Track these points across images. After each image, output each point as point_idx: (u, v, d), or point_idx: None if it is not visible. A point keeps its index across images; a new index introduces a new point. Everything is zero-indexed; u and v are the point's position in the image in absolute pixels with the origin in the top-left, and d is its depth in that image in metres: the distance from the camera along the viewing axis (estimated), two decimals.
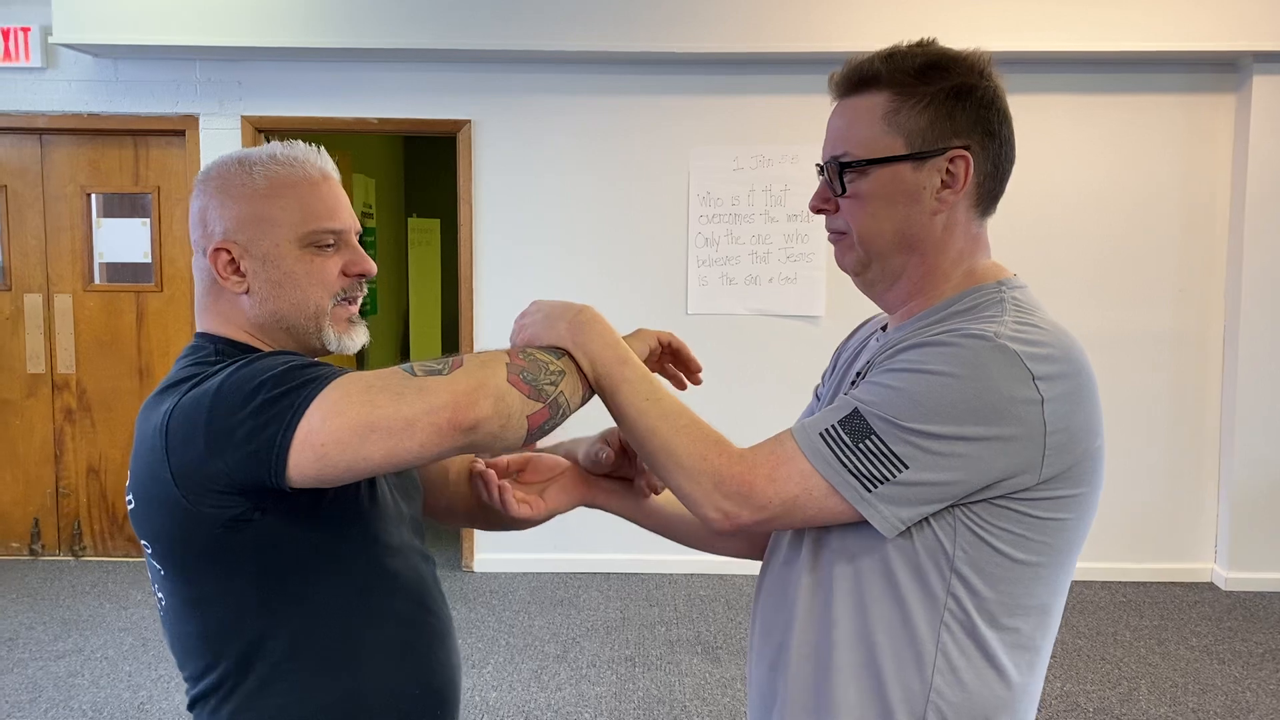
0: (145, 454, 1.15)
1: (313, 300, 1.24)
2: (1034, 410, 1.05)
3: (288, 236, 1.22)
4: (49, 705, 3.54)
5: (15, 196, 5.10)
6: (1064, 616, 4.37)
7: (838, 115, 1.21)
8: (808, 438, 1.10)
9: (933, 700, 1.10)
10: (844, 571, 1.14)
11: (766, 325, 4.95)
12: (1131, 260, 4.92)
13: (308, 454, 1.04)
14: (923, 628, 1.10)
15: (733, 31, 4.57)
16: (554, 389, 1.12)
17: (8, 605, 4.51)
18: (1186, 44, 4.53)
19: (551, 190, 4.93)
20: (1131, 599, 4.72)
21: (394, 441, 1.03)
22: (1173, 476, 4.99)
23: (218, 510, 1.11)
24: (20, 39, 4.82)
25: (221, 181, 1.24)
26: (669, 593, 4.71)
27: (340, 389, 1.06)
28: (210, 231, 1.23)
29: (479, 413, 1.03)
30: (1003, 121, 1.18)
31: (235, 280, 1.23)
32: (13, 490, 5.19)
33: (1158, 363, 4.93)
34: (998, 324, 1.09)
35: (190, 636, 1.20)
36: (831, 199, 1.21)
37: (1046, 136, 4.84)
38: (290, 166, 1.24)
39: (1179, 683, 3.81)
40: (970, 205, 1.18)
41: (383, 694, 1.23)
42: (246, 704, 1.18)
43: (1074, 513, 1.11)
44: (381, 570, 1.24)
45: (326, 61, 4.83)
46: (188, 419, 1.10)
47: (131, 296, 5.13)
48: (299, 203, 1.23)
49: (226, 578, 1.16)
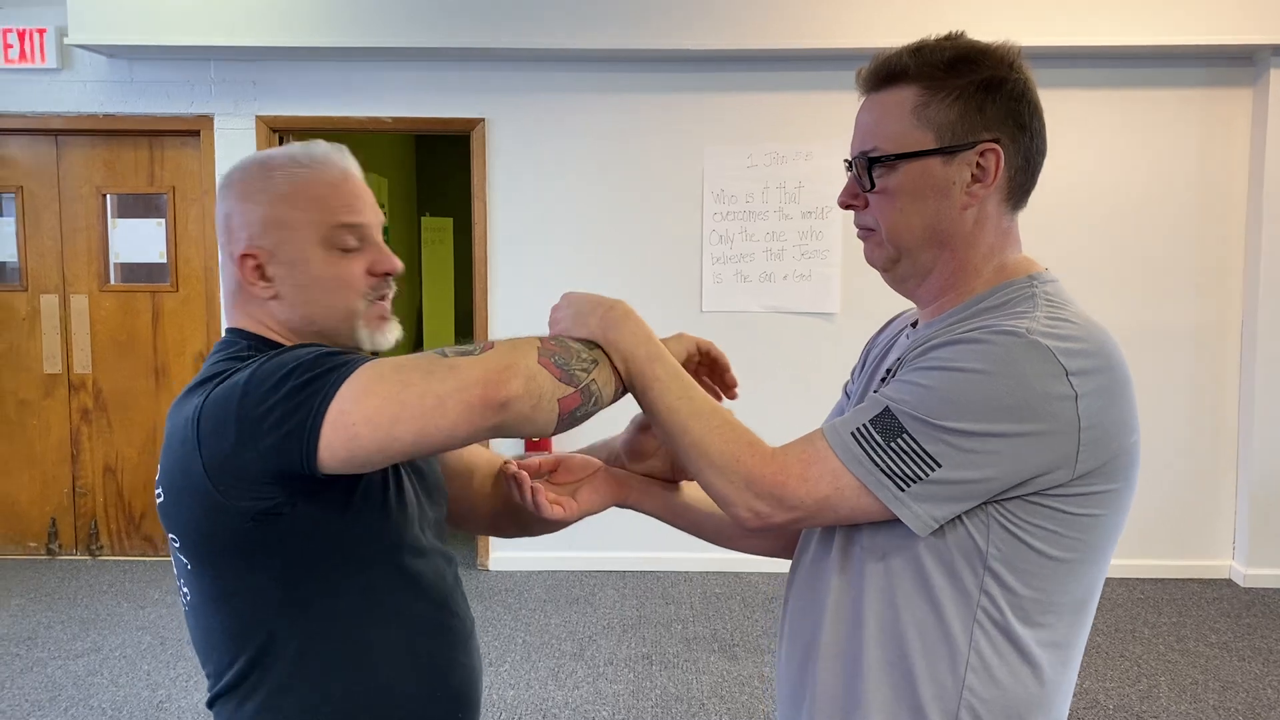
0: (176, 447, 1.14)
1: (342, 304, 1.23)
2: (1068, 406, 1.04)
3: (311, 239, 1.21)
4: (68, 704, 3.55)
5: (31, 197, 5.12)
6: None
7: (866, 110, 1.20)
8: (839, 437, 1.09)
9: (965, 698, 1.09)
10: (875, 569, 1.13)
11: (781, 322, 4.94)
12: (1148, 255, 4.89)
13: (339, 435, 1.04)
14: (956, 625, 1.09)
15: (745, 28, 4.56)
16: (586, 375, 1.11)
17: (26, 605, 4.53)
18: (1203, 38, 4.50)
19: (565, 189, 4.93)
20: (1150, 596, 4.69)
21: (425, 420, 1.03)
22: (1190, 473, 4.97)
23: (249, 503, 1.10)
24: (36, 40, 4.84)
25: (243, 186, 1.23)
26: (685, 590, 4.71)
27: (370, 370, 1.06)
28: (236, 237, 1.22)
29: (510, 390, 1.03)
30: (1033, 114, 1.17)
31: (263, 286, 1.22)
32: (30, 490, 5.21)
33: (1175, 358, 4.91)
34: (1030, 319, 1.08)
35: (214, 632, 1.20)
36: (860, 195, 1.20)
37: (1063, 131, 4.80)
38: (310, 168, 1.23)
39: (1199, 680, 3.79)
40: (1001, 199, 1.17)
41: (403, 695, 1.22)
42: (268, 702, 1.18)
43: (1108, 509, 1.10)
44: (405, 571, 1.24)
45: (340, 61, 4.84)
46: (219, 410, 1.10)
47: (147, 296, 5.15)
48: (320, 203, 1.22)
49: (252, 573, 1.16)
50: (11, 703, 3.56)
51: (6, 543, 5.22)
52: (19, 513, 5.22)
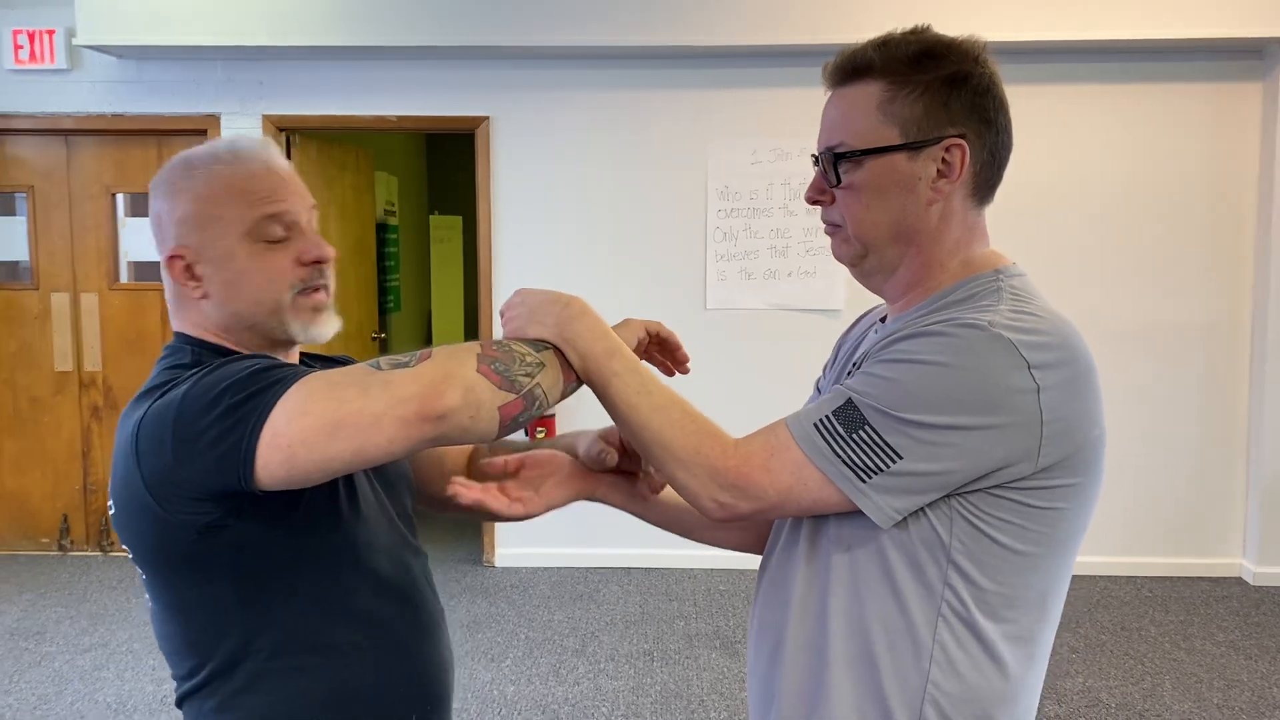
0: (121, 461, 1.14)
1: (269, 296, 1.21)
2: (1029, 399, 1.04)
3: (235, 233, 1.19)
4: (74, 698, 3.59)
5: (42, 197, 5.17)
6: (1088, 611, 4.36)
7: (832, 105, 1.20)
8: (802, 428, 1.10)
9: (929, 692, 1.09)
10: (840, 562, 1.13)
11: (785, 319, 4.93)
12: (1159, 250, 4.86)
13: (275, 455, 1.03)
14: (919, 619, 1.09)
15: (750, 24, 4.55)
16: (529, 380, 1.09)
17: (37, 599, 4.58)
18: (1212, 31, 4.47)
19: (570, 185, 4.94)
20: (1157, 594, 4.66)
21: (362, 438, 1.02)
22: (1201, 470, 4.93)
23: (191, 517, 1.10)
24: (45, 41, 4.89)
25: (168, 186, 1.22)
26: (688, 587, 4.71)
27: (304, 388, 1.05)
28: (164, 238, 1.22)
29: (447, 403, 1.01)
30: (999, 109, 1.16)
31: (193, 286, 1.21)
32: (42, 486, 5.26)
33: (1185, 354, 4.87)
34: (992, 312, 1.08)
35: (174, 638, 1.21)
36: (827, 190, 1.20)
37: (1072, 127, 4.79)
38: (231, 164, 1.21)
39: (1204, 678, 3.76)
40: (967, 195, 1.17)
41: (367, 692, 1.22)
42: (231, 702, 1.18)
43: (1072, 503, 1.10)
44: (364, 570, 1.23)
45: (345, 60, 4.86)
46: (156, 427, 1.09)
47: (156, 295, 5.19)
48: (242, 196, 1.19)
49: (205, 583, 1.15)
50: (19, 696, 3.60)
51: (19, 538, 5.28)
52: (31, 509, 5.27)
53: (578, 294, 1.21)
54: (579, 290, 1.23)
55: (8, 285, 5.24)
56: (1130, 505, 4.85)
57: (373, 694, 1.23)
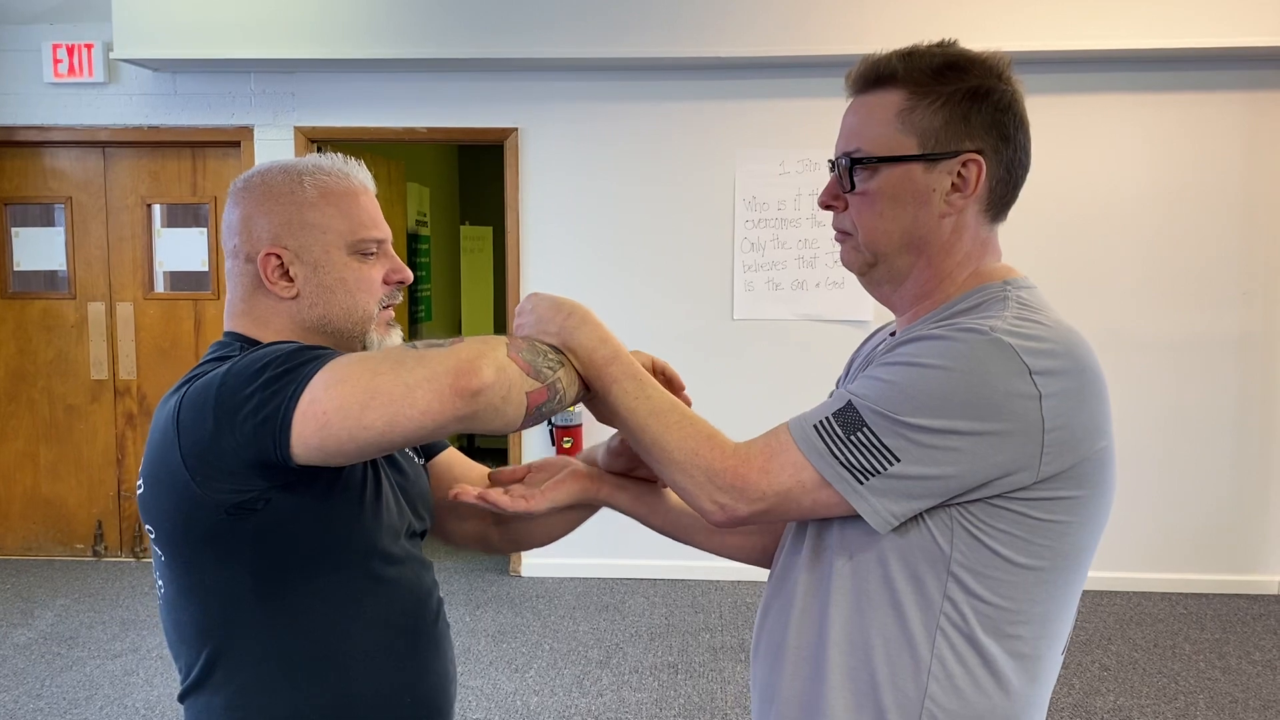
0: (158, 439, 1.17)
1: (361, 305, 1.28)
2: (1030, 405, 1.02)
3: (336, 243, 1.27)
4: (104, 703, 3.63)
5: (80, 208, 5.26)
6: (1120, 629, 4.28)
7: (852, 112, 1.20)
8: (802, 429, 1.10)
9: (927, 708, 1.08)
10: (842, 571, 1.13)
11: (814, 330, 4.91)
12: (1194, 262, 4.78)
13: (311, 424, 1.06)
14: (918, 633, 1.08)
15: (776, 35, 4.55)
16: (552, 373, 1.13)
17: (70, 605, 4.64)
18: (1246, 39, 4.40)
19: (598, 196, 4.95)
20: (1192, 611, 4.58)
21: (395, 407, 1.03)
22: (1237, 485, 4.84)
23: (224, 494, 1.13)
24: (84, 55, 4.98)
25: (267, 189, 1.27)
26: (714, 599, 4.69)
27: (343, 361, 1.10)
28: (256, 237, 1.27)
29: (482, 379, 1.03)
30: (1019, 127, 1.15)
31: (284, 285, 1.26)
32: (77, 493, 5.34)
33: (1221, 367, 4.79)
34: (996, 319, 1.07)
35: (184, 625, 1.22)
36: (840, 196, 1.19)
37: (1105, 136, 4.74)
38: (337, 178, 1.29)
39: (1239, 698, 3.68)
40: (980, 210, 1.16)
41: (369, 699, 1.23)
42: (234, 700, 1.20)
43: (1077, 516, 1.08)
44: (377, 576, 1.25)
45: (376, 72, 4.91)
46: (199, 401, 1.13)
47: (190, 304, 5.26)
48: (346, 212, 1.27)
49: (225, 566, 1.18)
50: (50, 700, 3.65)
51: (54, 544, 5.36)
52: (66, 515, 5.35)
53: (605, 304, 1.22)
54: (607, 301, 1.25)
55: (46, 294, 5.33)
56: (1164, 520, 4.77)
57: (376, 703, 1.24)
